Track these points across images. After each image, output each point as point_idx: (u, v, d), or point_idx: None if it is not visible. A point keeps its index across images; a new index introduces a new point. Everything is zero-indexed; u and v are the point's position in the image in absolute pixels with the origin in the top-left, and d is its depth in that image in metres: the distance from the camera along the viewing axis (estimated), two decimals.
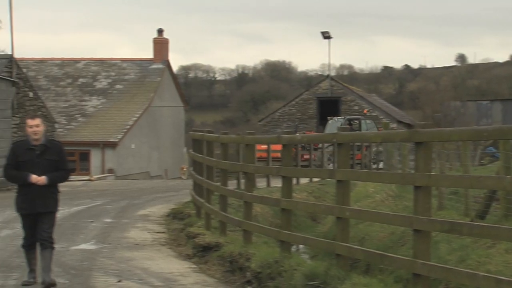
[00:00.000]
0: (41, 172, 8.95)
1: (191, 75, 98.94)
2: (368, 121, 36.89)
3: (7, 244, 12.27)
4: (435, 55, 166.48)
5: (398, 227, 10.43)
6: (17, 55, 28.24)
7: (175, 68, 54.86)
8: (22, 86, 27.95)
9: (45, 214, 9.06)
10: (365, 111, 42.91)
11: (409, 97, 75.76)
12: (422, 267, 7.06)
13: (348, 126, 32.91)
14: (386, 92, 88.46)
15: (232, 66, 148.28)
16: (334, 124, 34.87)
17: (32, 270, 9.25)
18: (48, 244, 8.99)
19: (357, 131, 26.44)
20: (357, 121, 36.26)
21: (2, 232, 13.61)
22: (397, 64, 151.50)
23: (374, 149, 32.81)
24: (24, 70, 31.56)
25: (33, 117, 9.17)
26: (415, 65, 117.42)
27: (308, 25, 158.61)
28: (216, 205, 13.26)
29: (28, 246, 9.21)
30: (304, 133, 30.01)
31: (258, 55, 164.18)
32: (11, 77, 26.89)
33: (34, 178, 8.94)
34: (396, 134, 9.56)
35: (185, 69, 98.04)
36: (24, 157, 9.01)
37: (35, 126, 9.04)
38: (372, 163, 32.71)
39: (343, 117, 37.19)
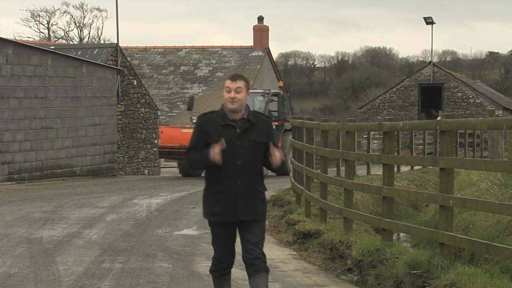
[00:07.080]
0: (243, 159, 6.44)
1: (290, 62, 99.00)
2: (285, 97, 27.66)
3: (113, 229, 12.62)
4: None
5: (504, 216, 10.14)
6: (121, 43, 28.93)
7: (274, 55, 55.05)
8: (127, 74, 28.63)
9: (252, 222, 6.63)
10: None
11: None
12: None
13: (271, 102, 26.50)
14: (491, 78, 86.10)
15: (331, 53, 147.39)
16: (250, 100, 24.78)
17: None
18: (261, 265, 6.54)
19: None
20: (276, 97, 26.82)
21: (108, 217, 14.00)
22: (503, 50, 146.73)
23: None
24: (128, 58, 32.35)
25: (234, 78, 6.41)
26: None
27: (399, 10, 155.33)
28: (316, 193, 13.23)
29: (222, 269, 6.64)
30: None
31: (354, 41, 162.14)
32: (116, 66, 27.62)
33: (216, 153, 6.25)
34: (503, 121, 9.28)
35: (285, 56, 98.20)
36: (218, 136, 6.33)
37: (235, 91, 6.36)
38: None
39: (263, 91, 26.86)
